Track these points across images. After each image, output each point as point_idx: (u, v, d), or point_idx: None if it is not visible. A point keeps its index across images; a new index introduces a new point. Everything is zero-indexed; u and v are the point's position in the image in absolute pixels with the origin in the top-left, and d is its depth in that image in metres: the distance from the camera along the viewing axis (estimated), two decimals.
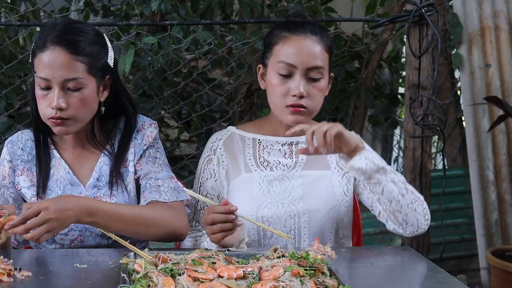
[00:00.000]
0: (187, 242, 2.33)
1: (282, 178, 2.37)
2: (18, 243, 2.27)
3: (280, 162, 2.39)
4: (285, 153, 2.41)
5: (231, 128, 2.48)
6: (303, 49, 2.28)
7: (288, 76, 2.29)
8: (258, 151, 2.41)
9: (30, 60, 2.21)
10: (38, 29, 3.83)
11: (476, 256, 4.34)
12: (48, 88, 2.13)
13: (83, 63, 2.13)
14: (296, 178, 2.37)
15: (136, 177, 2.29)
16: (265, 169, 2.38)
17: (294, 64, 2.27)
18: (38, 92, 2.15)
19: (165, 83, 4.08)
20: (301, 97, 2.27)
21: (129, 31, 3.85)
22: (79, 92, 2.14)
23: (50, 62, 2.11)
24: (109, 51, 2.24)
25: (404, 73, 4.83)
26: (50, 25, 2.18)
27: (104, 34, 2.28)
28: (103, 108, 2.25)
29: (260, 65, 2.40)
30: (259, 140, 2.43)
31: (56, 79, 2.11)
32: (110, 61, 2.24)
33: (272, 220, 2.31)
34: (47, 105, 2.14)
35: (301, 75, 2.27)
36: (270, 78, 2.33)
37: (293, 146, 2.42)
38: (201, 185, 2.42)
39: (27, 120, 3.70)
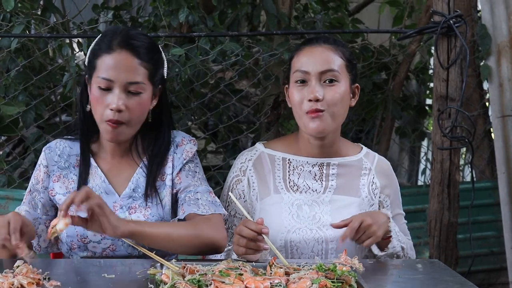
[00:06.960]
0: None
1: (311, 203, 2.36)
2: (40, 248, 2.30)
3: (309, 187, 2.38)
4: (315, 175, 2.40)
5: (259, 147, 2.46)
6: (315, 55, 2.32)
7: (304, 83, 2.31)
8: (288, 172, 2.40)
9: (87, 62, 2.26)
10: (67, 40, 3.87)
11: (505, 270, 4.28)
12: (108, 89, 2.18)
13: (146, 69, 2.21)
14: (326, 204, 2.36)
15: (175, 191, 2.31)
16: (295, 192, 2.37)
17: (307, 70, 2.30)
18: (96, 93, 2.19)
19: (192, 94, 4.09)
20: (317, 100, 2.27)
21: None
22: (139, 97, 2.20)
23: (115, 64, 2.17)
24: (164, 62, 2.32)
25: (431, 85, 4.80)
26: (112, 30, 2.27)
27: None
28: (149, 116, 2.29)
29: (286, 85, 2.42)
30: (289, 160, 2.42)
31: (119, 81, 2.17)
32: (165, 72, 2.33)
33: (300, 245, 2.31)
34: (105, 107, 2.18)
35: (315, 80, 2.29)
36: (291, 90, 2.35)
37: (324, 167, 2.40)
38: (229, 204, 2.42)
39: (56, 131, 3.74)
